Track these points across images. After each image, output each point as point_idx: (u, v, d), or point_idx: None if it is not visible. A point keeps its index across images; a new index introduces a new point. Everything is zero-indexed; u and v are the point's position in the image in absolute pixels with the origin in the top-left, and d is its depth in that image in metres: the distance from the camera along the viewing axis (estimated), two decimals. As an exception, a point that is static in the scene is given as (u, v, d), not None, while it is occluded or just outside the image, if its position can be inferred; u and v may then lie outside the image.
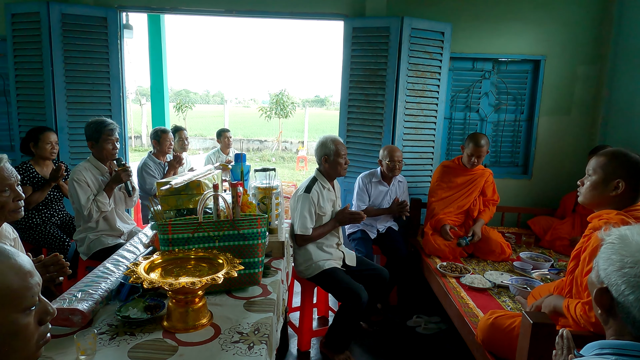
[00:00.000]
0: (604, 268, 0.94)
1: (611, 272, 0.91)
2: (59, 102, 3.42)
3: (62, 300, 1.44)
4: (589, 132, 3.79)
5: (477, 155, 3.03)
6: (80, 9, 3.40)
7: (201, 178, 2.06)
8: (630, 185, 1.57)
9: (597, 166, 1.63)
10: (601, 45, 3.66)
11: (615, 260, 0.91)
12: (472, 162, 3.06)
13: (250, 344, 1.33)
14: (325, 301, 3.16)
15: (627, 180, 1.56)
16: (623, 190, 1.57)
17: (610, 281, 0.92)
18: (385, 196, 3.30)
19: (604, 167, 1.61)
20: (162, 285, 1.32)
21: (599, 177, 1.62)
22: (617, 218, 1.49)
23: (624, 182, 1.56)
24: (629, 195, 1.58)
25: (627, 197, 1.58)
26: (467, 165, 3.11)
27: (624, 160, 1.58)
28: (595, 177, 1.63)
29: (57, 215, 3.11)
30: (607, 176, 1.60)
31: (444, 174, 3.21)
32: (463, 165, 3.16)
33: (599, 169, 1.62)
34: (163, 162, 3.69)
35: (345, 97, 3.64)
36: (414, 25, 3.38)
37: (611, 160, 1.60)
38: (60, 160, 3.32)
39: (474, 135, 3.07)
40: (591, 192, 1.65)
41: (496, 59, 3.75)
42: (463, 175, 3.17)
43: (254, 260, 1.70)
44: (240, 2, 3.60)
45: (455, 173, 3.18)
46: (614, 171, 1.58)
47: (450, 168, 3.21)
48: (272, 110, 18.37)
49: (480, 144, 3.01)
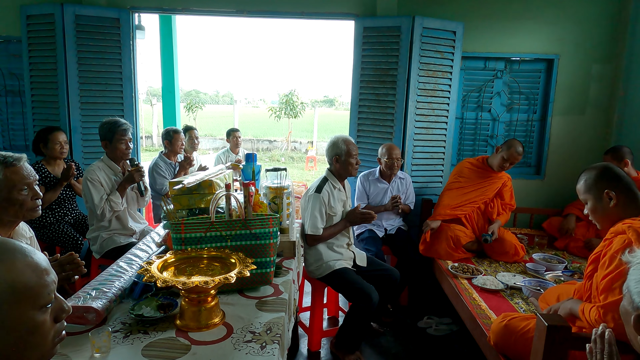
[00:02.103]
0: (638, 291, 0.91)
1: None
2: (72, 102, 3.46)
3: (77, 298, 1.45)
4: (603, 132, 3.74)
5: (512, 162, 2.99)
6: (94, 10, 3.44)
7: (213, 177, 2.07)
8: (620, 190, 1.58)
9: (582, 194, 1.68)
10: (616, 43, 3.60)
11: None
12: (503, 167, 3.03)
13: (262, 343, 1.33)
14: (335, 301, 3.15)
15: (611, 187, 1.59)
16: (618, 198, 1.57)
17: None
18: (385, 194, 3.30)
19: (588, 190, 1.65)
20: (175, 284, 1.32)
21: (592, 201, 1.65)
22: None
23: (611, 190, 1.58)
24: (627, 199, 1.58)
25: (628, 200, 1.58)
26: (496, 168, 3.06)
27: (596, 173, 1.62)
28: (590, 203, 1.66)
29: (70, 214, 3.15)
30: (596, 195, 1.63)
31: (465, 169, 3.18)
32: (488, 166, 3.12)
33: (586, 194, 1.67)
34: (174, 162, 3.71)
35: (356, 97, 3.63)
36: (425, 24, 3.36)
37: (587, 180, 1.65)
38: (73, 159, 3.36)
39: (513, 142, 3.01)
40: (596, 216, 1.67)
41: (508, 58, 3.72)
42: (485, 176, 3.14)
43: (266, 259, 1.70)
44: (251, 3, 3.61)
45: (476, 172, 3.15)
46: (596, 187, 1.62)
47: (473, 165, 3.18)
48: (281, 111, 18.42)
49: (519, 151, 2.97)
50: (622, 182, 1.59)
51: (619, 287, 1.43)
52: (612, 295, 1.44)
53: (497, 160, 3.04)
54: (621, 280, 1.43)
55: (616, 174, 1.61)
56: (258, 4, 3.61)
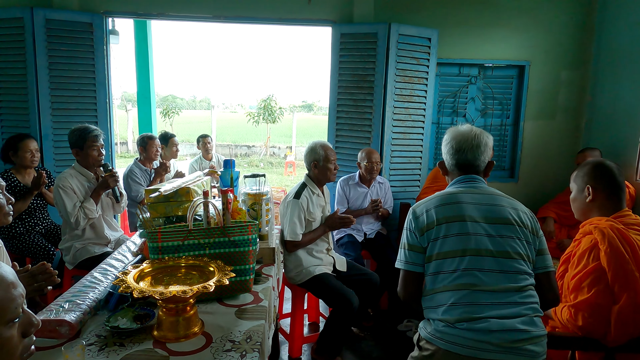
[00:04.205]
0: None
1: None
2: (43, 108, 3.36)
3: (49, 311, 1.41)
4: (573, 136, 3.87)
5: None
6: (65, 14, 3.36)
7: (190, 185, 2.05)
8: (600, 189, 1.61)
9: (571, 182, 1.73)
10: (584, 51, 3.74)
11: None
12: None
13: (242, 352, 1.32)
14: (316, 307, 3.14)
15: (592, 184, 1.62)
16: (595, 195, 1.61)
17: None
18: (365, 198, 3.32)
19: (575, 178, 1.70)
20: (152, 294, 1.30)
21: (575, 190, 1.70)
22: (607, 224, 1.52)
23: (591, 186, 1.61)
24: (607, 200, 1.61)
25: (607, 202, 1.61)
26: None
27: (588, 167, 1.66)
28: (573, 192, 1.72)
29: (41, 223, 3.05)
30: (579, 186, 1.68)
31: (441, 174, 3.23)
32: None
33: (572, 183, 1.72)
34: (149, 169, 3.65)
35: (334, 103, 3.65)
36: (401, 31, 3.41)
37: (579, 171, 1.69)
38: (44, 167, 3.27)
39: None
40: (574, 204, 1.73)
41: (482, 65, 3.81)
42: None
43: (245, 267, 1.69)
44: (228, 8, 3.59)
45: None
46: (581, 180, 1.67)
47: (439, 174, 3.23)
48: (259, 116, 18.37)
49: None
50: (606, 182, 1.60)
51: (587, 286, 1.48)
52: (582, 294, 1.49)
53: None
54: (589, 278, 1.48)
55: (602, 173, 1.61)
56: (235, 9, 3.60)
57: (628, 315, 1.42)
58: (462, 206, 1.43)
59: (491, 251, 1.36)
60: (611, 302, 1.45)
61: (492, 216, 1.40)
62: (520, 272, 1.36)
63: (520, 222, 1.40)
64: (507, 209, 1.42)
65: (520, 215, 1.42)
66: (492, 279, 1.34)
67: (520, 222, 1.40)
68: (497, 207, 1.42)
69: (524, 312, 1.32)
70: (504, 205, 1.43)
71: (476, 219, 1.40)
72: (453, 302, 1.36)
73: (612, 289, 1.45)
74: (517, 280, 1.35)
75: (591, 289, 1.47)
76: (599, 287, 1.46)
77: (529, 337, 1.29)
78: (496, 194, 1.48)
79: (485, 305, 1.32)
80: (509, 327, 1.29)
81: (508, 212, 1.41)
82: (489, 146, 1.53)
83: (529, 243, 1.40)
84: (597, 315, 1.45)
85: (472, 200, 1.45)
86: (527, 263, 1.39)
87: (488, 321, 1.30)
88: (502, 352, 1.28)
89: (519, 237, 1.39)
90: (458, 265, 1.37)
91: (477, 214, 1.41)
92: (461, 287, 1.36)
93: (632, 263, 1.43)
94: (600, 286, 1.46)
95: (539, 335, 1.31)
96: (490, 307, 1.32)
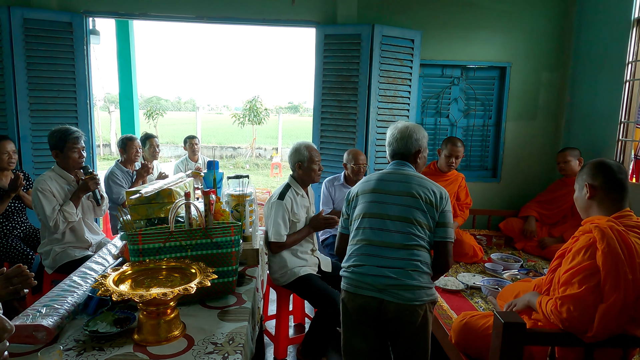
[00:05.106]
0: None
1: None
2: (21, 109, 3.29)
3: (26, 316, 1.37)
4: (553, 136, 3.94)
5: (455, 156, 3.14)
6: (44, 13, 3.30)
7: (172, 186, 2.02)
8: (600, 187, 1.61)
9: (575, 181, 1.75)
10: (563, 53, 3.82)
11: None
12: (450, 163, 3.15)
13: (224, 354, 1.30)
14: (301, 308, 3.14)
15: (590, 182, 1.63)
16: (593, 192, 1.62)
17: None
18: None
19: (578, 178, 1.72)
20: (132, 297, 1.27)
21: (577, 189, 1.73)
22: (607, 224, 1.52)
23: (588, 184, 1.63)
24: (605, 197, 1.61)
25: (605, 199, 1.61)
26: (445, 168, 3.21)
27: (587, 166, 1.68)
28: (576, 191, 1.74)
29: (19, 227, 2.98)
30: (580, 184, 1.70)
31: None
32: (439, 169, 3.24)
33: (576, 182, 1.74)
34: (131, 170, 3.59)
35: (319, 104, 3.66)
36: (384, 32, 3.43)
37: (581, 170, 1.72)
38: (23, 170, 3.19)
39: (450, 138, 3.23)
40: (576, 203, 1.75)
41: (464, 66, 3.86)
42: (438, 180, 3.22)
43: (228, 268, 1.67)
44: (211, 9, 3.57)
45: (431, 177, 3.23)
46: (581, 178, 1.69)
47: (426, 174, 3.26)
48: (245, 117, 18.24)
49: (457, 144, 3.15)
50: (603, 179, 1.61)
51: (578, 282, 1.49)
52: (571, 288, 1.50)
53: (443, 160, 3.22)
54: (581, 275, 1.50)
55: (599, 171, 1.62)
56: (218, 10, 3.57)
57: (613, 315, 1.43)
58: (375, 182, 1.85)
59: (390, 216, 1.76)
60: (599, 300, 1.46)
61: (401, 190, 1.79)
62: (413, 234, 1.73)
63: (422, 197, 1.76)
64: (414, 186, 1.79)
65: (426, 192, 1.77)
66: (383, 237, 1.74)
67: (424, 197, 1.76)
68: (407, 184, 1.80)
69: (401, 265, 1.70)
70: (412, 184, 1.80)
71: (386, 191, 1.81)
72: (351, 253, 1.82)
73: (603, 289, 1.45)
74: (407, 239, 1.72)
75: (582, 285, 1.48)
76: (589, 284, 1.47)
77: (399, 284, 1.68)
78: (411, 175, 1.84)
79: (370, 256, 1.75)
80: (381, 274, 1.70)
81: (415, 189, 1.78)
82: (417, 139, 1.92)
83: (427, 213, 1.75)
84: (582, 310, 1.46)
85: (388, 178, 1.85)
86: (423, 230, 1.74)
87: (366, 267, 1.74)
88: (376, 291, 1.71)
89: (420, 209, 1.75)
90: (359, 225, 1.81)
91: (390, 188, 1.81)
92: (358, 242, 1.80)
93: (627, 265, 1.45)
94: (591, 284, 1.47)
95: (410, 285, 1.68)
96: (372, 258, 1.74)
